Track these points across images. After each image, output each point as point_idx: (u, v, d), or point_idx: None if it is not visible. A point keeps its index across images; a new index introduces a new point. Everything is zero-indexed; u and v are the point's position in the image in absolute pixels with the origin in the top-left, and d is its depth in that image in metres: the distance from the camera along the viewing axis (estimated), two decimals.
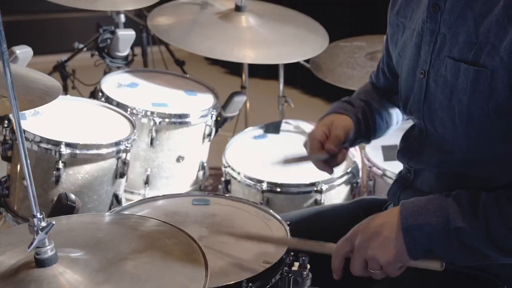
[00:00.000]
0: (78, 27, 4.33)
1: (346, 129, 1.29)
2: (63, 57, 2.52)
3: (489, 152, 1.07)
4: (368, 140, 1.41)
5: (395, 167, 1.83)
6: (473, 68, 1.01)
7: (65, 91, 2.53)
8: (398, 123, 1.45)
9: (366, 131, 1.36)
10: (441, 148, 1.14)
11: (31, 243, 0.83)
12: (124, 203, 1.73)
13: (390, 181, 1.89)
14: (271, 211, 1.37)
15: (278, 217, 1.35)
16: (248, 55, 2.10)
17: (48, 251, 0.85)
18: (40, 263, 0.85)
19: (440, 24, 1.09)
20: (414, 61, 1.16)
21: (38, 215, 0.84)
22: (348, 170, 1.91)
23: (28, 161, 0.82)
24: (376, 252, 1.03)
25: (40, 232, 0.83)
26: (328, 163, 1.29)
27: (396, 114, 1.42)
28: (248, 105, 2.79)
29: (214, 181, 2.82)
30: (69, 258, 0.89)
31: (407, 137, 1.27)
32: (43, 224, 0.84)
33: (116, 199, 1.71)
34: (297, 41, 2.24)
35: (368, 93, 1.42)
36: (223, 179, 1.97)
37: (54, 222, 0.84)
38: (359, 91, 1.46)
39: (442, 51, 1.08)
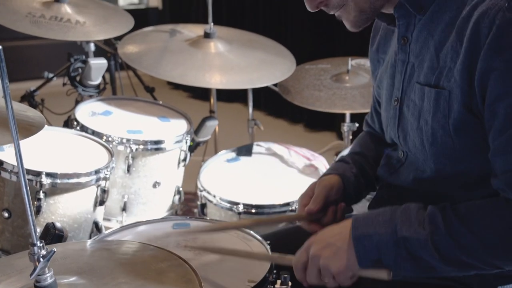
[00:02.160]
0: (46, 54, 4.31)
1: (328, 188, 1.32)
2: (30, 84, 2.51)
3: (454, 171, 1.14)
4: (373, 189, 1.42)
5: None
6: (434, 90, 1.09)
7: None
8: None
9: (367, 182, 1.39)
10: (415, 167, 1.21)
11: (33, 271, 0.86)
12: (104, 230, 1.76)
13: (367, 196, 1.96)
14: (251, 232, 1.41)
15: (258, 237, 1.39)
16: (219, 81, 2.15)
17: (48, 278, 0.88)
18: None
19: (409, 54, 1.17)
20: (390, 90, 1.24)
21: (38, 243, 0.87)
22: None
23: (29, 193, 0.84)
24: (328, 262, 1.09)
25: (41, 260, 0.86)
26: (319, 222, 1.31)
27: None
28: (217, 128, 2.83)
29: (184, 205, 2.84)
30: (68, 284, 0.92)
31: (390, 155, 1.34)
32: (43, 252, 0.87)
33: (96, 226, 1.73)
34: (266, 66, 2.30)
35: (362, 145, 1.46)
36: (199, 202, 2.00)
37: (55, 249, 0.87)
38: (353, 145, 1.49)
39: (412, 78, 1.16)
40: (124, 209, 2.00)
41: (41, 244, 0.87)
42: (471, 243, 1.02)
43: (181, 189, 2.16)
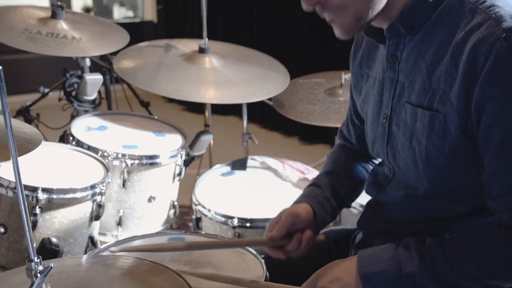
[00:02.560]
0: (42, 68, 4.32)
1: (293, 216, 1.31)
2: (25, 98, 2.53)
3: (448, 187, 1.16)
4: (347, 206, 1.45)
5: (360, 197, 1.91)
6: (428, 113, 1.11)
7: None
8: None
9: (340, 203, 1.41)
10: (406, 184, 1.23)
11: (30, 287, 0.87)
12: (99, 245, 1.76)
13: (355, 211, 1.98)
14: (246, 246, 1.43)
15: (253, 251, 1.41)
16: (214, 96, 2.17)
17: None
18: None
19: (399, 73, 1.18)
20: (378, 106, 1.26)
21: (36, 259, 0.88)
22: None
23: (27, 209, 0.86)
24: None
25: (38, 275, 0.87)
26: (282, 249, 1.31)
27: (365, 169, 1.48)
28: (212, 142, 2.85)
29: (179, 219, 2.84)
30: None
31: (376, 172, 1.36)
32: (40, 268, 0.88)
33: (92, 241, 1.73)
34: (260, 80, 2.33)
35: (334, 162, 1.47)
36: (193, 216, 2.01)
37: (52, 265, 0.88)
38: (326, 163, 1.49)
39: (402, 97, 1.18)
40: (119, 223, 2.01)
41: (38, 260, 0.88)
42: (470, 270, 1.07)
43: (176, 203, 2.17)
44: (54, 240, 1.26)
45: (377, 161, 1.45)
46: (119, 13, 8.88)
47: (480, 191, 1.11)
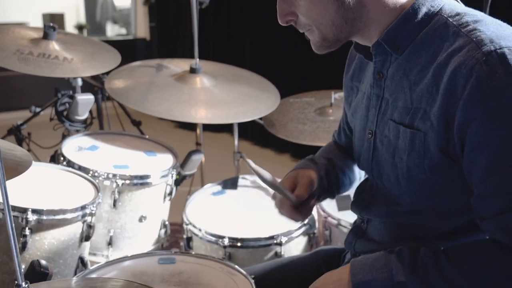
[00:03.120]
0: (33, 85, 4.34)
1: (311, 178, 1.36)
2: (16, 115, 2.53)
3: (429, 204, 1.18)
4: (332, 196, 1.47)
5: (349, 216, 1.93)
6: (409, 131, 1.13)
7: None
8: (361, 178, 1.53)
9: (330, 187, 1.43)
10: (388, 200, 1.24)
11: None
12: (89, 266, 1.76)
13: (345, 230, 1.99)
14: (236, 266, 1.43)
15: (243, 271, 1.41)
16: (205, 116, 2.19)
17: None
18: None
19: (384, 90, 1.21)
20: (364, 121, 1.28)
21: (23, 284, 0.89)
22: (305, 222, 2.00)
23: (15, 234, 0.86)
24: None
25: None
26: (298, 210, 1.35)
27: (358, 170, 1.52)
28: (203, 159, 2.86)
29: (171, 236, 2.84)
30: None
31: (360, 190, 1.38)
32: None
33: (82, 262, 1.73)
34: (251, 100, 2.34)
35: (331, 151, 1.51)
36: (184, 236, 2.02)
37: None
38: (322, 149, 1.54)
39: (386, 114, 1.20)
40: (110, 243, 2.00)
41: (27, 285, 0.89)
42: (463, 284, 1.07)
43: (167, 222, 2.17)
44: (43, 262, 1.26)
45: None
46: (112, 30, 8.93)
47: (462, 210, 1.13)
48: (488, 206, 1.05)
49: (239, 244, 1.89)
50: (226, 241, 1.88)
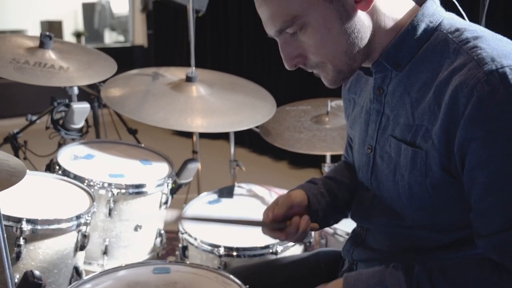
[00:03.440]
0: (30, 92, 4.33)
1: (291, 198, 1.34)
2: (12, 122, 2.53)
3: (431, 220, 1.18)
4: (345, 215, 1.44)
5: (346, 225, 1.92)
6: (411, 149, 1.12)
7: None
8: None
9: (336, 204, 1.40)
10: (389, 213, 1.24)
11: None
12: (84, 275, 1.76)
13: (341, 239, 1.99)
14: (231, 276, 1.43)
15: (238, 281, 1.41)
16: (201, 124, 2.18)
17: None
18: None
19: (385, 106, 1.20)
20: (363, 135, 1.28)
21: None
22: None
23: (7, 244, 0.86)
24: None
25: None
26: (282, 230, 1.32)
27: None
28: (200, 166, 2.86)
29: (168, 244, 2.84)
30: None
31: (361, 199, 1.37)
32: None
33: (77, 271, 1.72)
34: (247, 109, 2.34)
35: (337, 171, 1.48)
36: (180, 245, 2.01)
37: None
38: (328, 171, 1.52)
39: (386, 130, 1.20)
40: (105, 252, 2.00)
41: None
42: None
43: (162, 231, 2.17)
44: (37, 273, 1.25)
45: None
46: (110, 37, 8.96)
47: (464, 224, 1.12)
48: (485, 225, 1.06)
49: (234, 253, 1.89)
50: (221, 250, 1.88)
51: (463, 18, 1.18)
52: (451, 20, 1.14)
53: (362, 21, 1.10)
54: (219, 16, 5.30)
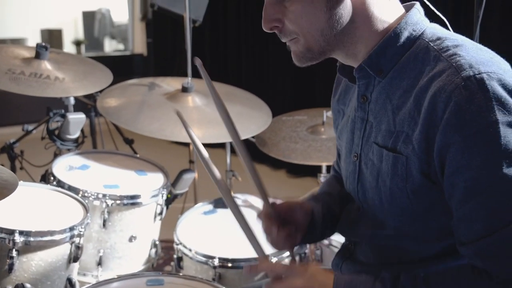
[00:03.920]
0: (26, 101, 4.34)
1: (298, 203, 1.33)
2: (8, 131, 2.53)
3: (412, 228, 1.17)
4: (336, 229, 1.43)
5: (341, 237, 1.91)
6: (392, 154, 1.13)
7: (13, 172, 2.53)
8: None
9: (333, 222, 1.39)
10: (374, 223, 1.24)
11: None
12: (78, 287, 1.75)
13: (336, 250, 1.98)
14: None
15: None
16: (196, 135, 2.15)
17: None
18: None
19: (368, 113, 1.21)
20: (350, 144, 1.28)
21: None
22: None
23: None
24: None
25: None
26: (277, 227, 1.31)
27: None
28: (196, 175, 2.85)
29: (165, 254, 2.83)
30: None
31: (348, 212, 1.37)
32: None
33: (70, 283, 1.72)
34: (242, 119, 2.34)
35: (330, 185, 1.48)
36: (175, 256, 2.01)
37: None
38: (322, 186, 1.51)
39: (370, 137, 1.20)
40: (99, 263, 1.99)
41: None
42: None
43: (157, 242, 2.16)
44: (27, 286, 1.25)
45: None
46: (110, 46, 8.98)
47: (446, 234, 1.12)
48: (466, 231, 1.05)
49: (229, 264, 1.88)
50: (216, 262, 1.87)
51: (447, 28, 1.19)
52: (433, 30, 1.15)
53: (348, 8, 1.11)
54: (219, 25, 5.32)
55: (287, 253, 1.94)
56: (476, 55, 1.05)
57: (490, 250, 1.03)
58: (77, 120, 2.20)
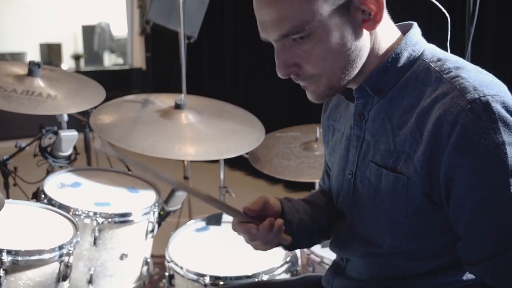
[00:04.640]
0: (18, 118, 4.35)
1: (265, 200, 1.28)
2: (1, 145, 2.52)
3: (410, 246, 1.17)
4: (318, 240, 1.41)
5: (333, 254, 1.91)
6: (392, 174, 1.12)
7: (6, 189, 2.53)
8: None
9: (311, 226, 1.35)
10: (367, 241, 1.23)
11: None
12: None
13: (328, 267, 1.97)
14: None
15: None
16: (189, 152, 2.18)
17: None
18: None
19: (365, 132, 1.20)
20: (344, 161, 1.27)
21: None
22: (288, 259, 1.99)
23: None
24: None
25: None
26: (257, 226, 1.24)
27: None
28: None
29: (160, 269, 2.82)
30: None
31: (338, 229, 1.36)
32: None
33: None
34: (235, 136, 2.34)
35: (312, 195, 1.46)
36: (166, 273, 2.01)
37: None
38: (305, 196, 1.48)
39: (367, 156, 1.20)
40: (90, 281, 1.98)
41: None
42: None
43: (149, 260, 2.16)
44: None
45: None
46: (109, 60, 9.01)
47: (443, 252, 1.12)
48: (476, 251, 1.05)
49: (221, 282, 1.88)
50: (207, 280, 1.87)
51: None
52: (432, 50, 1.15)
53: (365, 40, 1.11)
54: (216, 41, 5.34)
55: (279, 270, 1.94)
56: (478, 77, 1.06)
57: (500, 269, 1.03)
58: (69, 137, 2.20)
